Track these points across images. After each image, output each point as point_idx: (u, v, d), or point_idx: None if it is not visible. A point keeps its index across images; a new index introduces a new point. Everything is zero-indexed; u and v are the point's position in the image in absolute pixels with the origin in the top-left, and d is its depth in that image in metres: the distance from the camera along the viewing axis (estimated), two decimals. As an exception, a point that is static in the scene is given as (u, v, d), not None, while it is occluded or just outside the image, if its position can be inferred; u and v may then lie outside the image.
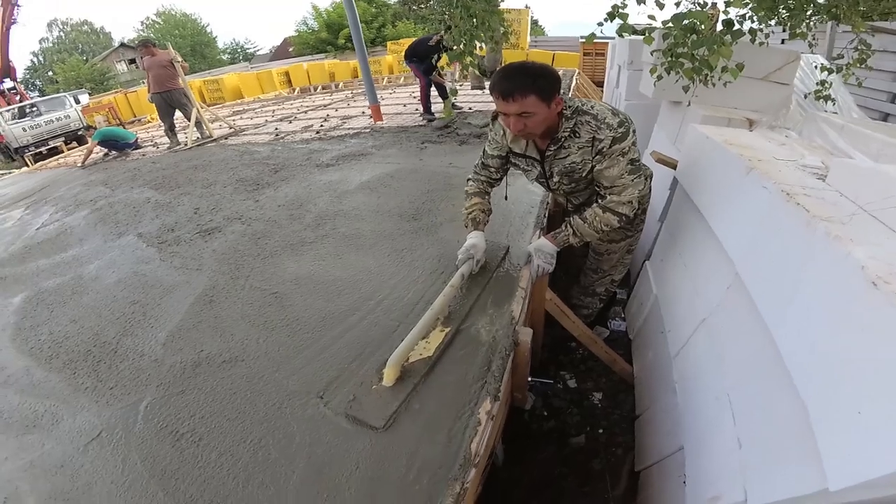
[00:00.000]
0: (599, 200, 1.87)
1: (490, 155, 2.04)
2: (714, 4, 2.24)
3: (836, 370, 0.92)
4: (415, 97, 6.74)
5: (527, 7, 16.64)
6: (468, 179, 2.13)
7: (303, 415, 1.41)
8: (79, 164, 6.31)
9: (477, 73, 5.28)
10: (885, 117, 6.08)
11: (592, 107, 1.76)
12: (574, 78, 8.74)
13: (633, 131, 1.74)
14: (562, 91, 1.68)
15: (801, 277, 1.12)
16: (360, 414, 1.38)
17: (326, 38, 27.34)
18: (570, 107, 1.74)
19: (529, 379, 1.85)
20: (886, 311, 0.81)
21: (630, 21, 2.31)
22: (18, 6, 14.24)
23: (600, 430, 2.26)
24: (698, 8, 2.26)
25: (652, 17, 2.33)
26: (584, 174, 1.85)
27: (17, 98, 14.97)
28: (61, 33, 39.52)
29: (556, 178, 1.94)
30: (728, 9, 2.18)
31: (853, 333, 0.89)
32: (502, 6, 3.83)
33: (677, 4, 2.34)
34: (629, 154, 1.73)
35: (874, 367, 0.82)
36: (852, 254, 0.94)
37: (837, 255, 0.99)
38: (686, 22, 2.11)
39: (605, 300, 2.65)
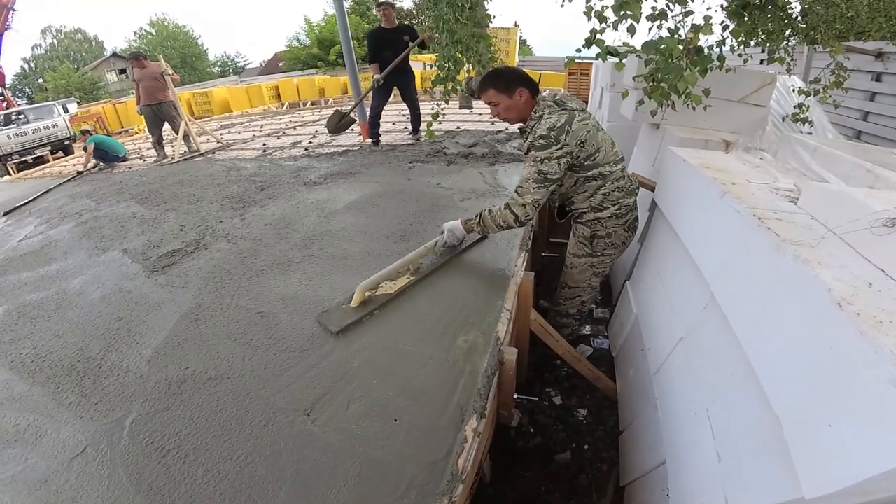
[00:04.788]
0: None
1: None
2: (696, 27, 2.31)
3: (807, 386, 0.96)
4: (404, 115, 6.72)
5: (516, 25, 16.79)
6: None
7: (290, 432, 1.42)
8: (79, 170, 6.23)
9: (465, 93, 5.28)
10: (859, 135, 6.22)
11: (551, 115, 1.95)
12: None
13: (562, 150, 1.91)
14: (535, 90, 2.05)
15: (773, 299, 1.16)
16: (325, 321, 1.85)
17: (317, 53, 27.43)
18: (548, 106, 1.98)
19: (515, 396, 1.88)
20: (850, 331, 0.85)
21: (610, 44, 2.41)
22: (14, 10, 14.09)
23: (585, 446, 2.29)
24: (668, 34, 2.33)
25: (627, 45, 2.41)
26: None
27: (4, 105, 14.63)
28: (54, 40, 39.27)
29: None
30: (699, 35, 2.26)
31: (821, 352, 0.93)
32: (491, 26, 3.84)
33: (650, 30, 2.43)
34: (541, 165, 1.92)
35: (841, 383, 0.86)
36: (819, 276, 0.99)
37: (805, 278, 1.03)
38: (663, 47, 2.20)
39: (580, 320, 2.75)
